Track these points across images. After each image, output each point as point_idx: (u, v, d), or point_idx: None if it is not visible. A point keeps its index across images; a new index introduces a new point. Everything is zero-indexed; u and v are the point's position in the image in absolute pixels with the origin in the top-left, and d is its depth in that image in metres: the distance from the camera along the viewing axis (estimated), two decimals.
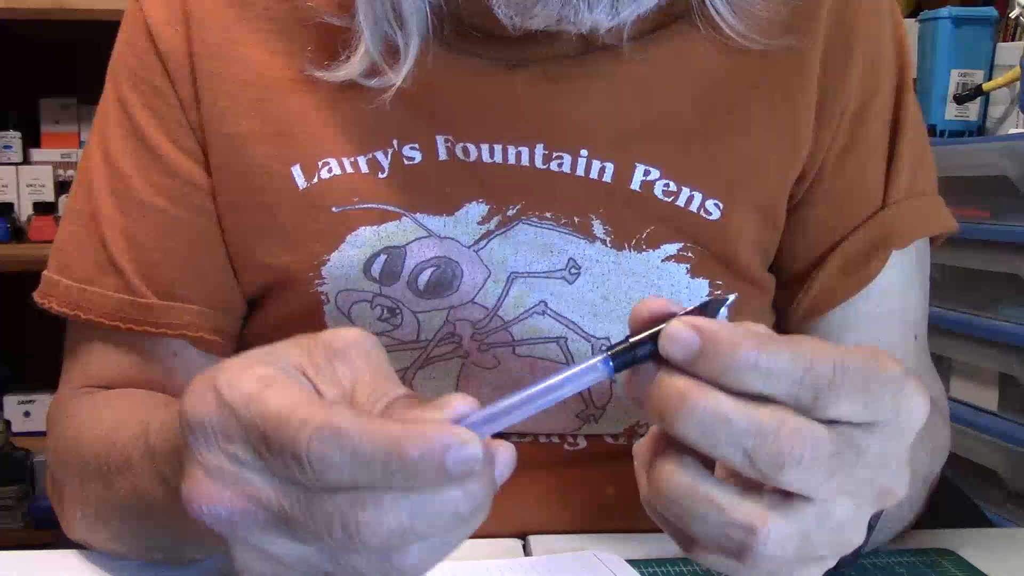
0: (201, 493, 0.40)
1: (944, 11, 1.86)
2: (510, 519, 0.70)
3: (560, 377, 0.42)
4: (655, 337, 0.41)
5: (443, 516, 0.39)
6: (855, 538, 0.43)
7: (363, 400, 0.42)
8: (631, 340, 0.42)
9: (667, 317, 0.42)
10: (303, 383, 0.41)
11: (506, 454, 0.41)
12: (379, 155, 0.69)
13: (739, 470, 0.41)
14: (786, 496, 0.41)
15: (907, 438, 0.43)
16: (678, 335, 0.40)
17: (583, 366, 0.42)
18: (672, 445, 0.42)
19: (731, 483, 0.42)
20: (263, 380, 0.40)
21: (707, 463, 0.42)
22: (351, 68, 0.66)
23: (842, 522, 0.42)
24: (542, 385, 0.42)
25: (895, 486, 0.43)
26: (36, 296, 0.72)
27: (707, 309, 0.42)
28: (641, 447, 0.44)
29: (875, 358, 0.41)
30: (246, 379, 0.40)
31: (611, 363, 0.42)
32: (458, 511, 0.39)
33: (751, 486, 0.42)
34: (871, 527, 0.45)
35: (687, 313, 0.42)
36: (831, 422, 0.41)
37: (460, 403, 0.40)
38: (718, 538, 0.42)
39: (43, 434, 0.74)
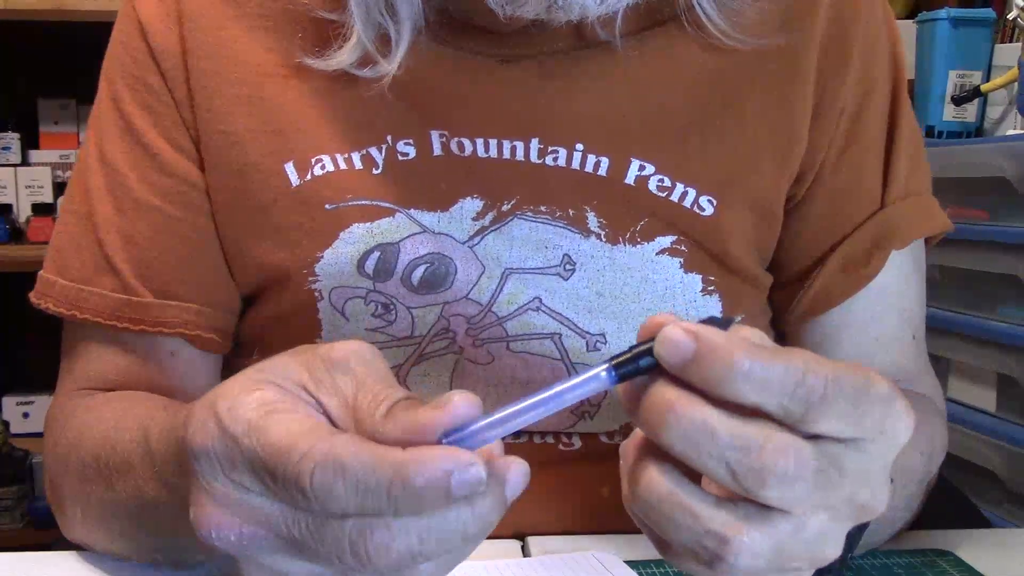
0: (209, 519, 0.40)
1: (942, 12, 1.86)
2: (506, 519, 0.70)
3: (562, 387, 0.42)
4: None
5: (452, 537, 0.39)
6: (830, 551, 0.43)
7: (364, 406, 0.42)
8: (633, 350, 0.42)
9: None
10: (305, 402, 0.41)
11: (518, 473, 0.41)
12: (373, 151, 0.69)
13: (722, 483, 0.41)
14: (763, 508, 0.41)
15: (889, 456, 0.43)
16: (674, 338, 0.40)
17: (585, 376, 0.42)
18: (655, 450, 0.42)
19: (710, 492, 0.42)
20: (264, 407, 0.40)
21: (690, 471, 0.42)
22: (343, 57, 0.66)
23: (818, 536, 0.42)
24: (543, 395, 0.42)
25: (874, 502, 0.43)
26: (32, 297, 0.72)
27: (713, 323, 0.42)
28: (627, 448, 0.45)
29: (866, 375, 0.41)
30: (247, 406, 0.40)
31: (613, 373, 0.42)
32: (467, 531, 0.39)
33: (730, 495, 0.42)
34: (855, 537, 0.45)
35: None
36: (816, 437, 0.41)
37: (460, 402, 0.40)
38: (692, 546, 0.42)
39: (42, 435, 0.74)
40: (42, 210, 2.17)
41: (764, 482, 0.40)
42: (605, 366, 0.42)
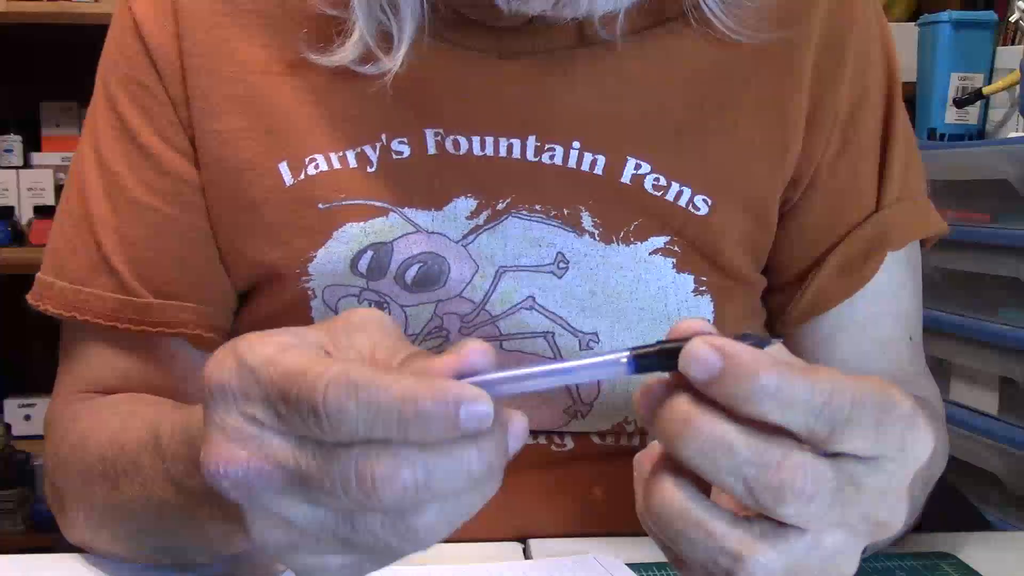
0: (219, 455, 0.40)
1: (944, 15, 1.86)
2: (505, 521, 0.70)
3: (579, 362, 0.41)
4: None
5: (458, 474, 0.39)
6: (846, 568, 0.43)
7: (381, 359, 0.42)
8: (660, 345, 0.41)
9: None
10: (321, 352, 0.42)
11: (519, 424, 0.41)
12: (367, 149, 0.69)
13: (738, 499, 0.40)
14: (778, 526, 0.41)
15: (908, 473, 0.42)
16: (700, 354, 0.40)
17: (604, 358, 0.41)
18: (671, 464, 0.42)
19: (725, 508, 0.42)
20: (282, 344, 0.41)
21: (704, 484, 0.42)
22: (346, 53, 0.66)
23: (834, 553, 0.42)
24: (559, 365, 0.41)
25: (891, 520, 0.43)
26: (30, 298, 0.72)
27: (743, 341, 0.41)
28: (642, 460, 0.44)
29: (889, 394, 0.40)
30: (266, 343, 0.41)
31: (634, 363, 0.41)
32: (471, 470, 0.39)
33: (744, 510, 0.42)
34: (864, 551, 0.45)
35: None
36: (835, 454, 0.40)
37: (475, 350, 0.40)
38: (706, 562, 0.41)
39: (43, 437, 0.74)
40: (44, 212, 2.17)
41: (781, 499, 0.39)
42: (627, 353, 0.41)
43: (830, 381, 0.40)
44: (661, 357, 0.41)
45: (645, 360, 0.41)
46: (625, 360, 0.41)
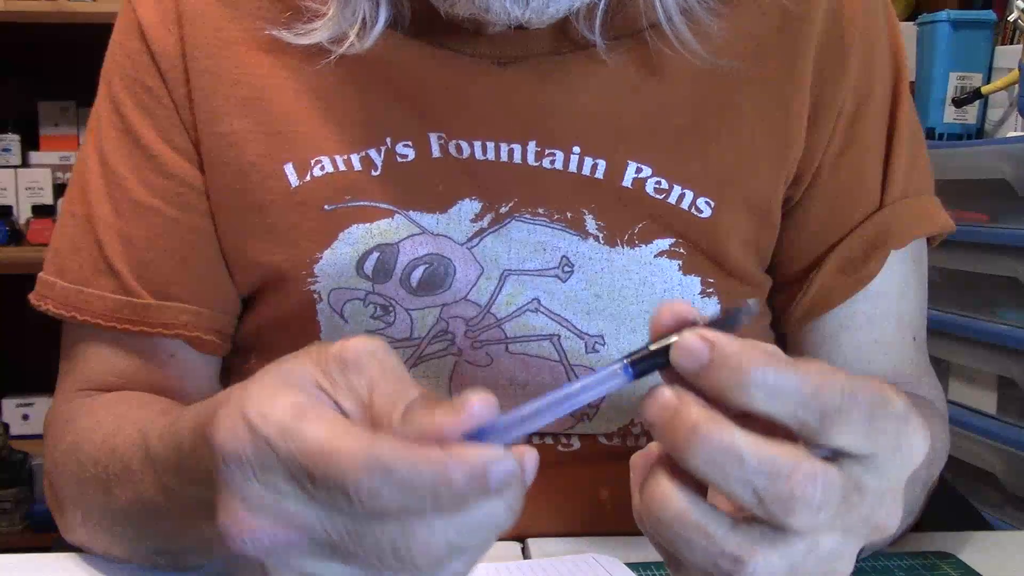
0: (241, 525, 0.40)
1: (943, 14, 1.86)
2: None
3: (580, 384, 0.42)
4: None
5: (488, 528, 0.39)
6: (843, 568, 0.43)
7: (379, 407, 0.41)
8: (650, 348, 0.42)
9: (686, 324, 0.41)
10: (328, 405, 0.41)
11: (532, 460, 0.41)
12: (372, 152, 0.69)
13: (746, 507, 0.40)
14: (778, 528, 0.41)
15: (904, 475, 0.42)
16: (690, 346, 0.40)
17: (603, 373, 0.42)
18: (668, 466, 0.42)
19: (724, 510, 0.41)
20: (295, 409, 0.40)
21: (701, 485, 0.42)
22: (319, 33, 0.66)
23: (831, 555, 0.42)
24: (562, 392, 0.41)
25: (888, 522, 0.43)
26: (32, 298, 0.72)
27: (727, 317, 0.42)
28: (639, 461, 0.44)
29: (882, 391, 0.40)
30: (277, 409, 0.40)
31: (630, 370, 0.42)
32: (499, 521, 0.39)
33: (743, 512, 0.42)
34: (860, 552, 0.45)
35: (708, 324, 0.41)
36: (835, 458, 0.40)
37: (478, 404, 0.40)
38: (705, 566, 0.41)
39: (41, 437, 0.74)
40: (42, 212, 2.18)
41: (791, 510, 0.39)
42: (620, 363, 0.42)
43: (820, 373, 0.40)
44: (655, 356, 0.41)
45: (640, 364, 0.42)
46: (620, 369, 0.42)
